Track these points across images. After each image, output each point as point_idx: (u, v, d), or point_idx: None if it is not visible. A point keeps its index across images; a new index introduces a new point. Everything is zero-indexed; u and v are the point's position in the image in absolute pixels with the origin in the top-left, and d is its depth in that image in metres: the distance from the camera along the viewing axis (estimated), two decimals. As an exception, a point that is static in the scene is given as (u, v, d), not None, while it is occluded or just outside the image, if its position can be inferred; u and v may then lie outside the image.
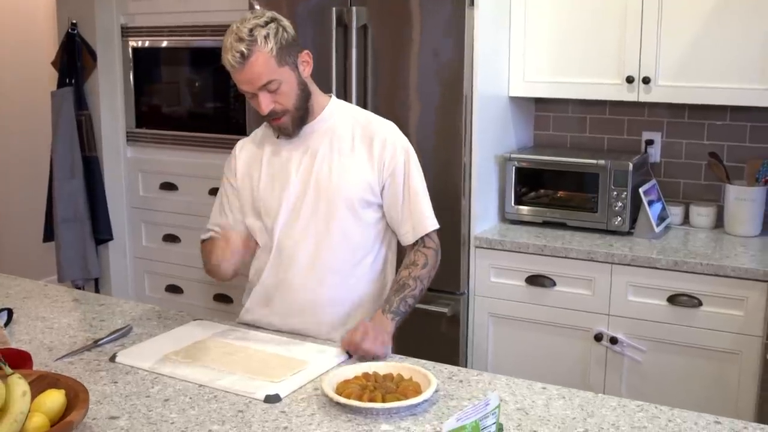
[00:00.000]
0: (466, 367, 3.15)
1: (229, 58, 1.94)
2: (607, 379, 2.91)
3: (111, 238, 4.24)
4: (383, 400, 1.62)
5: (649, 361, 2.84)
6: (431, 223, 2.14)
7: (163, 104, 4.17)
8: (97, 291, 4.26)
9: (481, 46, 2.99)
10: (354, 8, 3.09)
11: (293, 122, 2.06)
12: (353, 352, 1.90)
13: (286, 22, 2.02)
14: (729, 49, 2.87)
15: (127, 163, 4.29)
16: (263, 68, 1.95)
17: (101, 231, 4.18)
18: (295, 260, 2.10)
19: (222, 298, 4.02)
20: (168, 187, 4.14)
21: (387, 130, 2.12)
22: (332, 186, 2.07)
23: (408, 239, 2.13)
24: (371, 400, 1.62)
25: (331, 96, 2.17)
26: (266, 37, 1.94)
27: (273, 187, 2.12)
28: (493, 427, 1.28)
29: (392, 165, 2.08)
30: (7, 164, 5.06)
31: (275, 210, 2.10)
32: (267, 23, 1.97)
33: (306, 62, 2.06)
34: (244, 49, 1.92)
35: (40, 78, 4.71)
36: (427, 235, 2.12)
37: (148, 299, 4.22)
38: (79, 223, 4.12)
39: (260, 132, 2.21)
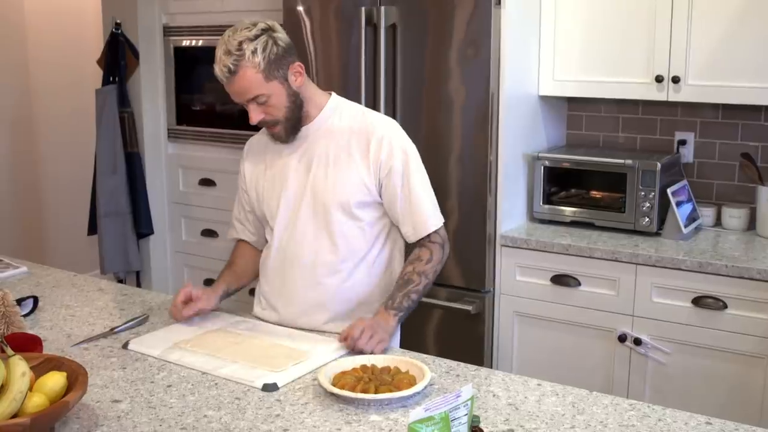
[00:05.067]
0: (491, 365, 3.16)
1: (217, 71, 1.97)
2: (631, 380, 2.89)
3: (152, 233, 4.35)
4: (376, 392, 1.65)
5: (673, 363, 2.81)
6: (433, 223, 2.11)
7: (203, 102, 4.25)
8: (138, 284, 4.38)
9: (508, 45, 2.99)
10: (383, 8, 3.12)
11: (285, 131, 2.08)
12: (348, 348, 1.91)
13: (279, 34, 2.01)
14: (761, 47, 2.81)
15: (167, 159, 4.40)
16: (250, 83, 1.96)
17: (142, 225, 4.29)
18: (296, 261, 2.13)
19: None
20: (207, 183, 4.23)
21: (385, 128, 2.10)
22: (327, 189, 2.07)
23: (410, 238, 2.13)
24: (364, 392, 1.65)
25: (331, 94, 2.16)
26: (254, 52, 1.94)
27: (274, 189, 2.15)
28: (465, 419, 1.30)
29: (389, 164, 2.06)
30: (56, 159, 5.24)
31: (275, 211, 2.14)
32: (257, 36, 1.96)
33: (298, 73, 2.04)
34: (230, 65, 1.94)
35: (88, 76, 4.86)
36: (429, 235, 2.10)
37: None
38: (120, 217, 4.24)
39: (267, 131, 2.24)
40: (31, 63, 5.09)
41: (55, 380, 1.54)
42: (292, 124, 2.07)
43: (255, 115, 2.02)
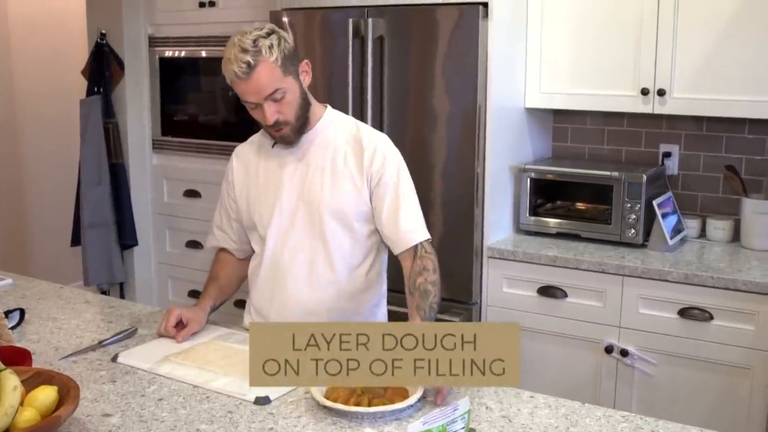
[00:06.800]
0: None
1: (235, 69, 1.95)
2: (618, 391, 2.90)
3: (136, 244, 4.32)
4: (369, 405, 1.65)
5: (660, 375, 2.82)
6: (421, 235, 2.08)
7: (188, 113, 4.24)
8: (122, 295, 4.35)
9: (495, 57, 3.01)
10: (370, 20, 3.13)
11: (293, 132, 2.08)
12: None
13: (285, 33, 2.05)
14: (746, 61, 2.85)
15: (152, 170, 4.37)
16: (269, 78, 1.97)
17: (126, 236, 4.26)
18: (289, 270, 2.13)
19: (243, 305, 4.06)
20: (191, 194, 4.21)
21: (379, 141, 2.12)
22: (324, 199, 2.08)
23: (397, 248, 2.09)
24: (357, 405, 1.64)
25: (326, 106, 2.19)
26: (270, 47, 1.96)
27: (267, 197, 2.15)
28: (462, 432, 1.30)
29: (380, 173, 2.08)
30: (40, 170, 5.20)
31: (267, 219, 2.14)
32: (269, 34, 1.99)
33: (306, 72, 2.08)
34: (250, 59, 1.94)
35: (73, 86, 4.83)
36: (421, 243, 2.08)
37: (172, 304, 4.27)
38: (104, 228, 4.21)
39: (257, 139, 2.23)
40: (15, 72, 5.06)
41: (46, 394, 1.52)
42: (301, 124, 2.08)
43: (270, 114, 2.00)
